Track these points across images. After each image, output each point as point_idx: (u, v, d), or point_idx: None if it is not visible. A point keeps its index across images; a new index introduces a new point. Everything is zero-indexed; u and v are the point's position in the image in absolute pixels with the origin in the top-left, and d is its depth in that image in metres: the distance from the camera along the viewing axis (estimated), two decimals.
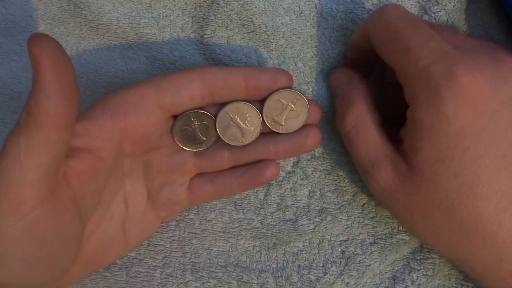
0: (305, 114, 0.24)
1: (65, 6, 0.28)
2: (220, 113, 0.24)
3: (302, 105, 0.24)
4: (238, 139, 0.25)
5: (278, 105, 0.24)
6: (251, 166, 0.25)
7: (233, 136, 0.25)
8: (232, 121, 0.24)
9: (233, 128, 0.24)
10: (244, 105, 0.24)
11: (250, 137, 0.25)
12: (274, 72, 0.23)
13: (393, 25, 0.21)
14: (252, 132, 0.25)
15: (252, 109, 0.24)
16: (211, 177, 0.26)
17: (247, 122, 0.24)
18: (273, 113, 0.24)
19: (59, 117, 0.18)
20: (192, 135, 0.24)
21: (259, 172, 0.25)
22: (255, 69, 0.23)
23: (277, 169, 0.25)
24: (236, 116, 0.24)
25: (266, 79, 0.23)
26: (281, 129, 0.25)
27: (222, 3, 0.27)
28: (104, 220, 0.24)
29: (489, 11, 0.27)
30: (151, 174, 0.25)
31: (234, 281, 0.28)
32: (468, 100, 0.19)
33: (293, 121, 0.25)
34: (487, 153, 0.19)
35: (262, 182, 0.25)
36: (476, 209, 0.20)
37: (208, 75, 0.23)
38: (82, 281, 0.28)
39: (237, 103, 0.24)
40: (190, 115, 0.24)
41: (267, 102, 0.24)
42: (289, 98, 0.24)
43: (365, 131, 0.23)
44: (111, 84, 0.28)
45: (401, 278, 0.27)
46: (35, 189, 0.19)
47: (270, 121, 0.24)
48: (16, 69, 0.29)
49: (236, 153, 0.25)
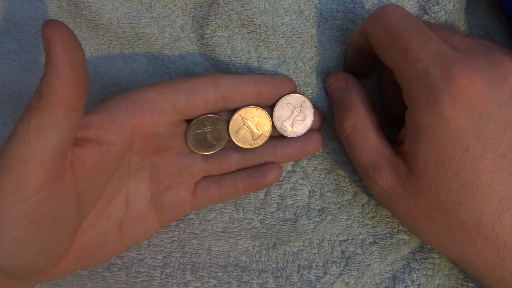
0: (311, 117, 0.26)
1: (65, 6, 0.28)
2: (234, 116, 0.25)
3: (308, 109, 0.26)
4: (248, 142, 0.26)
5: (287, 109, 0.26)
6: (255, 169, 0.26)
7: (244, 138, 0.26)
8: (245, 124, 0.26)
9: (244, 131, 0.26)
10: (257, 110, 0.25)
11: (260, 140, 0.26)
12: (282, 79, 0.25)
13: (392, 26, 0.21)
14: (262, 136, 0.26)
15: (263, 113, 0.26)
16: (217, 179, 0.27)
17: (258, 126, 0.26)
18: (282, 117, 0.26)
19: (68, 98, 0.19)
20: (203, 139, 0.26)
21: (263, 174, 0.26)
22: (265, 76, 0.25)
23: (280, 171, 0.27)
24: (248, 119, 0.26)
25: (275, 85, 0.25)
26: (290, 133, 0.26)
27: (222, 3, 0.27)
28: (102, 217, 0.24)
29: (489, 11, 0.27)
30: (158, 176, 0.26)
31: (234, 281, 0.28)
32: (466, 102, 0.19)
33: (300, 124, 0.26)
34: (486, 154, 0.19)
35: (266, 184, 0.26)
36: (477, 209, 0.20)
37: (222, 80, 0.24)
38: (82, 281, 0.28)
39: (250, 108, 0.25)
40: (204, 119, 0.25)
41: (277, 106, 0.26)
42: (296, 102, 0.26)
43: (364, 135, 0.23)
44: (111, 84, 0.28)
45: (401, 278, 0.27)
46: (41, 171, 0.19)
47: (279, 125, 0.26)
48: (16, 69, 0.29)
49: (244, 156, 0.26)
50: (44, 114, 0.19)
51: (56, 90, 0.19)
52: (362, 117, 0.24)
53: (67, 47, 0.19)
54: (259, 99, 0.25)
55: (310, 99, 0.27)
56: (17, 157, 0.19)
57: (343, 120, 0.24)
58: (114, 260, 0.28)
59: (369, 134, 0.23)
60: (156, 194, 0.26)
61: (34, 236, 0.20)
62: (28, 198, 0.19)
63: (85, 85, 0.20)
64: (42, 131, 0.19)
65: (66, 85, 0.19)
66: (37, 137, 0.19)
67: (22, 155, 0.19)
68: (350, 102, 0.24)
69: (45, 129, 0.19)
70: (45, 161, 0.19)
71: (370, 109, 0.24)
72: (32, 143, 0.19)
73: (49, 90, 0.19)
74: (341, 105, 0.25)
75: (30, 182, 0.19)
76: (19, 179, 0.19)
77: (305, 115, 0.26)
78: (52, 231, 0.20)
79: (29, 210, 0.19)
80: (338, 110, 0.25)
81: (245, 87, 0.24)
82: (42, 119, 0.19)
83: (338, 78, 0.26)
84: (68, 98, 0.19)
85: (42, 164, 0.19)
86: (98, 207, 0.24)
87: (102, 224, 0.24)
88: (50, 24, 0.19)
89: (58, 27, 0.19)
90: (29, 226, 0.19)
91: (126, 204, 0.25)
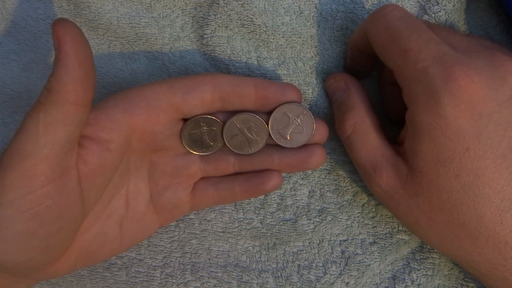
0: (310, 129, 0.25)
1: (65, 6, 0.28)
2: (228, 122, 0.25)
3: (308, 121, 0.25)
4: (244, 148, 0.25)
5: (284, 118, 0.25)
6: (254, 174, 0.26)
7: (239, 145, 0.25)
8: (239, 131, 0.25)
9: (239, 137, 0.25)
10: (252, 117, 0.24)
11: (256, 147, 0.25)
12: (284, 85, 0.24)
13: (392, 26, 0.21)
14: (258, 143, 0.25)
15: (259, 120, 0.25)
16: (215, 181, 0.26)
17: (254, 132, 0.25)
18: (279, 126, 0.25)
19: (77, 94, 0.20)
20: (199, 139, 0.25)
21: (262, 181, 0.25)
22: (266, 81, 0.24)
23: (280, 180, 0.26)
24: (243, 126, 0.25)
25: (275, 91, 0.24)
26: (286, 143, 0.25)
27: (222, 3, 0.27)
28: (102, 216, 0.24)
29: (489, 11, 0.27)
30: (156, 175, 0.26)
31: (234, 281, 0.28)
32: (466, 103, 0.19)
33: (298, 136, 0.25)
34: (487, 154, 0.19)
35: (264, 191, 0.26)
36: (478, 209, 0.20)
37: (220, 80, 0.23)
38: (82, 281, 0.28)
39: (245, 114, 0.24)
40: (200, 120, 0.24)
41: (274, 114, 0.24)
42: (295, 112, 0.24)
43: (365, 135, 0.23)
44: (111, 84, 0.28)
45: (401, 278, 0.27)
46: (48, 165, 0.19)
47: (275, 134, 0.25)
48: (16, 69, 0.29)
49: (241, 160, 0.26)
50: (53, 109, 0.19)
51: (65, 86, 0.19)
52: (363, 118, 0.24)
53: (77, 45, 0.19)
54: (258, 103, 0.24)
55: (310, 99, 0.27)
56: (24, 151, 0.19)
57: (343, 121, 0.24)
58: (114, 260, 0.28)
59: (370, 134, 0.23)
60: (155, 193, 0.26)
61: (36, 231, 0.20)
62: (33, 192, 0.19)
63: (92, 82, 0.21)
64: (50, 126, 0.19)
65: (75, 81, 0.19)
66: (45, 131, 0.19)
67: (30, 149, 0.19)
68: (350, 103, 0.24)
69: (53, 124, 0.19)
70: (52, 156, 0.20)
71: (370, 109, 0.24)
72: (40, 138, 0.19)
73: (59, 86, 0.19)
74: (341, 106, 0.25)
75: (37, 176, 0.19)
76: (25, 172, 0.19)
77: (304, 127, 0.25)
78: (54, 227, 0.21)
79: (34, 204, 0.19)
80: (338, 111, 0.25)
81: (243, 90, 0.24)
82: (50, 114, 0.19)
83: (338, 79, 0.26)
84: (76, 93, 0.20)
85: (49, 158, 0.19)
86: (99, 206, 0.24)
87: (103, 223, 0.24)
88: (61, 23, 0.19)
89: (68, 25, 0.19)
90: (32, 220, 0.20)
91: (126, 203, 0.25)
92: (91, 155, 0.22)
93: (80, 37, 0.20)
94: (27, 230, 0.20)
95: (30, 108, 0.20)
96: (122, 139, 0.23)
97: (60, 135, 0.20)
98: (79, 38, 0.20)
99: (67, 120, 0.20)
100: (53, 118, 0.19)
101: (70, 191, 0.21)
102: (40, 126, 0.19)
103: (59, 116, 0.19)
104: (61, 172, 0.20)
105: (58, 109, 0.19)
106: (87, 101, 0.20)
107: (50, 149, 0.19)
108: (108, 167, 0.23)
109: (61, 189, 0.20)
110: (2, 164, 0.19)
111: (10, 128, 0.29)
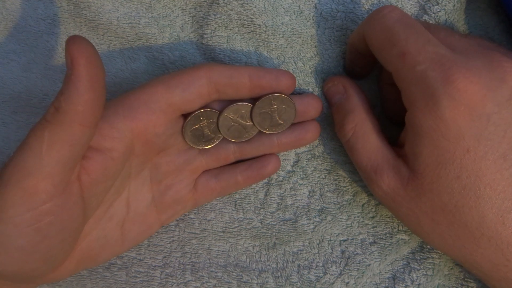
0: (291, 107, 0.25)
1: (65, 6, 0.28)
2: (221, 117, 0.25)
3: (282, 101, 0.25)
4: (242, 135, 0.26)
5: (266, 116, 0.25)
6: (254, 160, 0.27)
7: (237, 134, 0.26)
8: (233, 121, 0.25)
9: (235, 127, 0.25)
10: (242, 105, 0.25)
11: (253, 131, 0.26)
12: (277, 72, 0.24)
13: (389, 28, 0.21)
14: (254, 126, 0.26)
15: (249, 107, 0.25)
16: (216, 173, 0.27)
17: (248, 119, 0.25)
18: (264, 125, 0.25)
19: (86, 116, 0.19)
20: (201, 134, 0.25)
21: (262, 165, 0.26)
22: (260, 69, 0.24)
23: (279, 162, 0.27)
24: (236, 116, 0.25)
25: (270, 79, 0.24)
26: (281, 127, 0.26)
27: (222, 3, 0.27)
28: (103, 219, 0.24)
29: (489, 11, 0.26)
30: (158, 175, 0.26)
31: (234, 281, 0.28)
32: (465, 104, 0.19)
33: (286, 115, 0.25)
34: (487, 155, 0.19)
35: (265, 175, 0.27)
36: (479, 210, 0.20)
37: (215, 72, 0.23)
38: (82, 281, 0.28)
39: (236, 105, 0.25)
40: (199, 114, 0.25)
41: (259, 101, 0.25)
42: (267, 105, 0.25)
43: (365, 138, 0.23)
44: (111, 84, 0.28)
45: (401, 278, 0.27)
46: (50, 183, 0.19)
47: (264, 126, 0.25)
48: (16, 69, 0.29)
49: (242, 146, 0.26)
50: (59, 129, 0.19)
51: (75, 108, 0.19)
52: (362, 121, 0.24)
53: (91, 67, 0.19)
54: (253, 93, 0.24)
55: None
56: (27, 168, 0.19)
57: (343, 124, 0.24)
58: (114, 260, 0.28)
59: (370, 137, 0.23)
60: (157, 193, 0.26)
61: (38, 244, 0.20)
62: (34, 208, 0.19)
63: (102, 102, 0.20)
64: (55, 145, 0.19)
65: (85, 103, 0.19)
66: (49, 150, 0.19)
67: (32, 167, 0.19)
68: (350, 106, 0.24)
69: (59, 143, 0.19)
70: (55, 174, 0.19)
71: (370, 111, 0.24)
72: (44, 156, 0.19)
73: (68, 105, 0.19)
74: (340, 109, 0.25)
75: (38, 194, 0.19)
76: (27, 190, 0.19)
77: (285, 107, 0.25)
78: (56, 240, 0.21)
79: (35, 220, 0.19)
80: (338, 115, 0.25)
81: (238, 80, 0.23)
82: (56, 134, 0.19)
83: (336, 82, 0.26)
84: (85, 115, 0.19)
85: (51, 176, 0.19)
86: (100, 209, 0.24)
87: (104, 226, 0.24)
88: (76, 42, 0.19)
89: (83, 45, 0.19)
90: (34, 235, 0.19)
91: (127, 205, 0.25)
92: (94, 166, 0.21)
93: (94, 57, 0.19)
94: (28, 245, 0.20)
95: (34, 125, 0.19)
96: (124, 147, 0.23)
97: (65, 155, 0.19)
98: (93, 60, 0.19)
99: (73, 141, 0.19)
100: (58, 138, 0.19)
101: (72, 204, 0.21)
102: (44, 144, 0.19)
103: (65, 136, 0.19)
104: (63, 189, 0.20)
105: (64, 129, 0.19)
106: (94, 123, 0.20)
107: (53, 167, 0.19)
108: (111, 175, 0.22)
109: (63, 204, 0.20)
110: (2, 180, 0.19)
111: (10, 128, 0.29)
